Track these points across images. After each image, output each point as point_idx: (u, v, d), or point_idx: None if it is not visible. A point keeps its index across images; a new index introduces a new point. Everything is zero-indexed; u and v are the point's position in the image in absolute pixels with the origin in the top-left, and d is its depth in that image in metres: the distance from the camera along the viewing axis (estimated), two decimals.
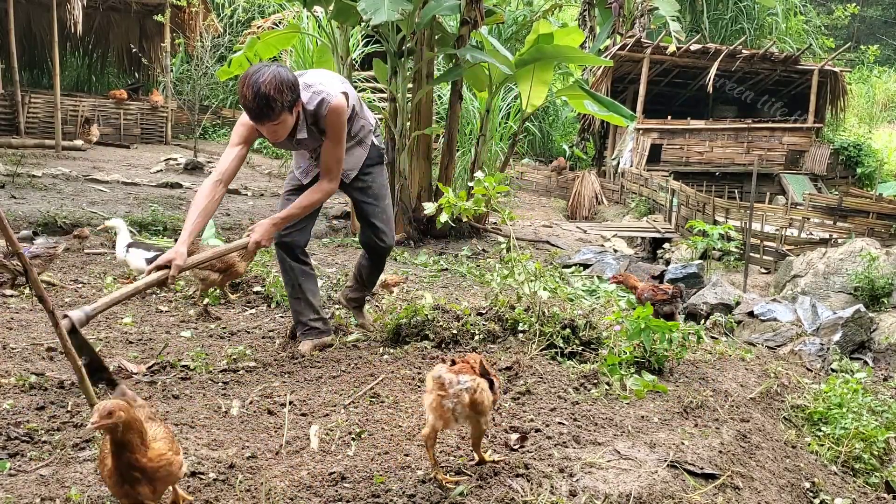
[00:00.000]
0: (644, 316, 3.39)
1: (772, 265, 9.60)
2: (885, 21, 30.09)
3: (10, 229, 2.17)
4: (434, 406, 2.17)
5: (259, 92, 2.98)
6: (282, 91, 3.02)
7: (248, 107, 3.04)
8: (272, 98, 3.00)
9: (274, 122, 3.09)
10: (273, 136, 3.22)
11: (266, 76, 3.00)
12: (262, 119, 3.08)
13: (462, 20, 8.31)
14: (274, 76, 3.01)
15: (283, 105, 3.05)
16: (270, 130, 3.16)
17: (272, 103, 3.01)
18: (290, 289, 3.68)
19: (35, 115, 12.69)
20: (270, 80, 2.99)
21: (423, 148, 8.73)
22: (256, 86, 2.98)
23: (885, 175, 16.26)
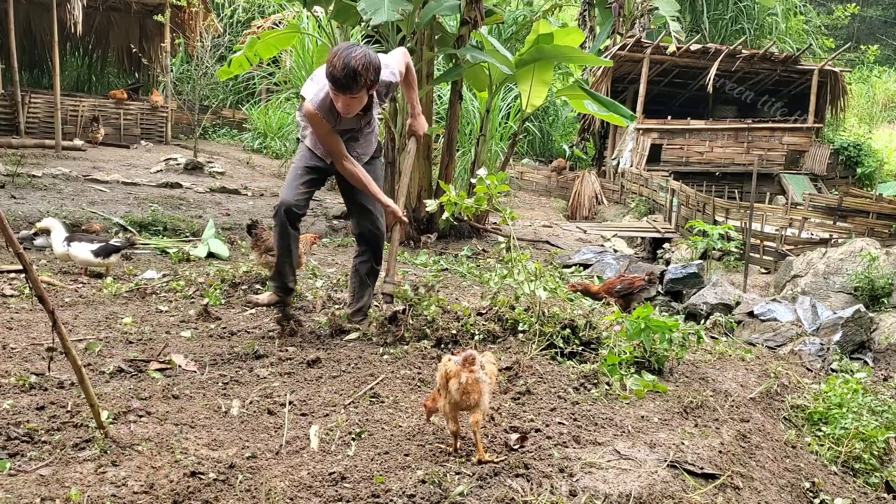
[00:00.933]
0: (644, 316, 3.39)
1: (772, 265, 9.60)
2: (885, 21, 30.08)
3: (10, 229, 2.17)
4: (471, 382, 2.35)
5: (349, 64, 3.34)
6: (368, 69, 3.39)
7: (336, 76, 3.37)
8: (359, 73, 3.36)
9: (353, 94, 3.44)
10: (347, 110, 3.55)
11: (358, 53, 3.38)
12: (344, 89, 3.41)
13: (462, 20, 8.30)
14: (364, 55, 3.38)
15: (366, 82, 3.41)
16: (346, 102, 3.50)
17: (358, 77, 3.37)
18: (283, 251, 3.92)
19: (35, 115, 12.68)
20: (361, 58, 3.36)
21: (423, 148, 8.73)
22: (348, 58, 3.34)
23: (885, 175, 16.26)
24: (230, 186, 10.26)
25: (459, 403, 2.39)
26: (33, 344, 3.55)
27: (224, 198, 9.63)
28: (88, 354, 3.45)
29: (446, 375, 2.40)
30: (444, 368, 2.42)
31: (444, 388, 2.41)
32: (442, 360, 2.46)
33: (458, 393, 2.37)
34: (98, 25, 15.92)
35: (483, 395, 2.39)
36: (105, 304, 4.59)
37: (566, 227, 12.12)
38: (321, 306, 4.56)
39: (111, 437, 2.44)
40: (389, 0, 6.95)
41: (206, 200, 9.29)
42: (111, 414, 2.66)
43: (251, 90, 16.90)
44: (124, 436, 2.49)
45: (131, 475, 2.22)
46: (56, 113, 11.43)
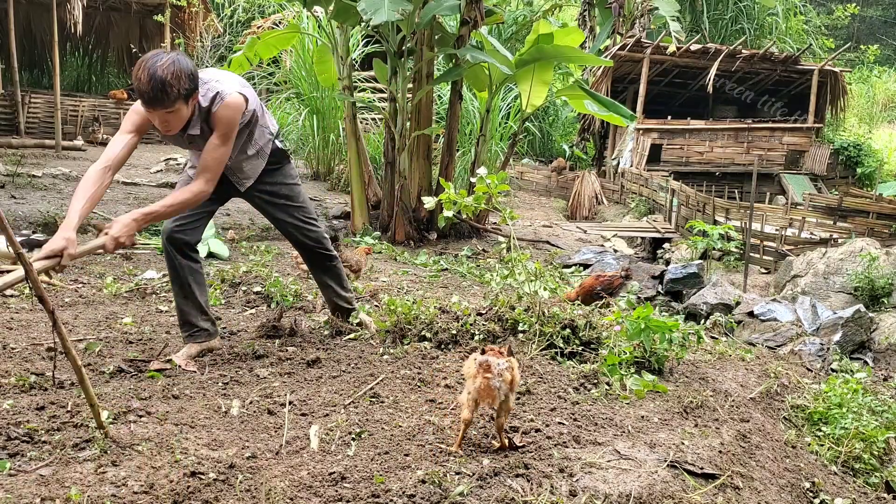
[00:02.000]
0: (644, 316, 3.39)
1: (772, 265, 9.60)
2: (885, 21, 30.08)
3: (10, 229, 2.17)
4: (482, 388, 2.44)
5: (155, 76, 2.83)
6: (179, 78, 2.88)
7: (142, 90, 2.87)
8: (168, 83, 2.85)
9: (167, 109, 2.93)
10: (164, 127, 3.04)
11: (164, 61, 2.87)
12: (155, 105, 2.91)
13: (462, 20, 8.31)
14: (173, 62, 2.88)
15: (179, 93, 2.90)
16: (162, 119, 2.99)
17: (168, 88, 2.86)
18: (178, 287, 3.45)
19: (35, 115, 12.69)
20: (168, 66, 2.86)
21: (423, 148, 8.73)
22: (153, 69, 2.84)
23: (885, 175, 16.26)
24: None
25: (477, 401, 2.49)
26: (33, 344, 3.55)
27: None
28: (88, 354, 3.45)
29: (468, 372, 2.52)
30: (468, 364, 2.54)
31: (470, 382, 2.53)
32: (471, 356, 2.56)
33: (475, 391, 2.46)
34: (98, 25, 15.93)
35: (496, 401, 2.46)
36: (105, 304, 4.59)
37: (566, 227, 12.12)
38: (321, 306, 4.57)
39: (111, 437, 2.44)
40: (389, 0, 6.95)
41: None
42: (111, 414, 2.66)
43: None
44: (124, 436, 2.49)
45: (131, 475, 2.22)
46: (56, 113, 11.43)
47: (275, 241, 7.71)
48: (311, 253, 3.76)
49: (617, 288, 4.75)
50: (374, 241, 8.03)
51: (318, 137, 12.16)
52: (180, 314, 3.53)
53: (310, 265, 3.87)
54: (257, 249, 6.94)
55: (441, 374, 3.27)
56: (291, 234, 3.67)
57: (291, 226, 3.63)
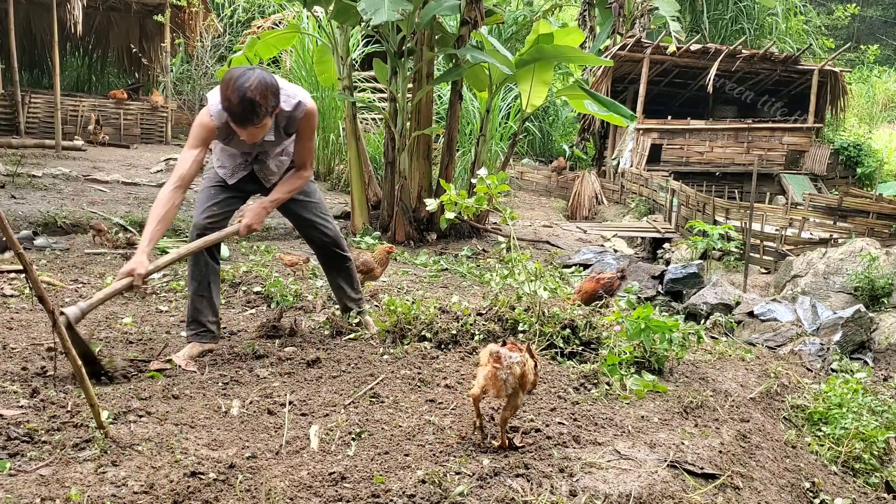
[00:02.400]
0: (644, 316, 3.39)
1: (772, 265, 9.60)
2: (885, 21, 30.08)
3: (10, 229, 2.17)
4: (489, 376, 2.44)
5: (245, 97, 2.99)
6: (266, 97, 3.05)
7: (233, 111, 3.04)
8: (258, 104, 3.02)
9: (256, 125, 3.11)
10: (251, 139, 3.22)
11: (252, 81, 3.01)
12: (245, 123, 3.08)
13: (462, 20, 8.31)
14: (260, 81, 3.02)
15: (266, 110, 3.08)
16: (250, 133, 3.17)
17: (257, 108, 3.03)
18: (197, 285, 3.55)
19: (35, 115, 12.69)
20: (256, 86, 3.01)
21: (423, 148, 8.73)
22: (242, 90, 2.99)
23: (885, 175, 16.26)
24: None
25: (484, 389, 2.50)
26: (33, 344, 3.55)
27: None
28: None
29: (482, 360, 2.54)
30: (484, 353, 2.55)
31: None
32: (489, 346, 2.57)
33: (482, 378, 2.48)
34: (98, 25, 15.93)
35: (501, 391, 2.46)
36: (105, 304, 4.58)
37: (566, 227, 12.12)
38: (321, 306, 4.57)
39: (111, 437, 2.44)
40: (389, 0, 6.95)
41: None
42: (111, 414, 2.67)
43: None
44: (124, 436, 2.49)
45: (131, 475, 2.22)
46: (56, 113, 11.43)
47: (275, 241, 7.71)
48: (327, 252, 3.84)
49: (616, 288, 4.72)
50: (374, 240, 8.03)
51: (318, 137, 12.16)
52: (192, 311, 3.57)
53: (324, 265, 3.94)
54: (257, 249, 6.94)
55: (441, 374, 3.27)
56: (309, 231, 3.78)
57: (309, 222, 3.74)
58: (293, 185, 3.55)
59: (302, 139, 3.50)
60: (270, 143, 3.44)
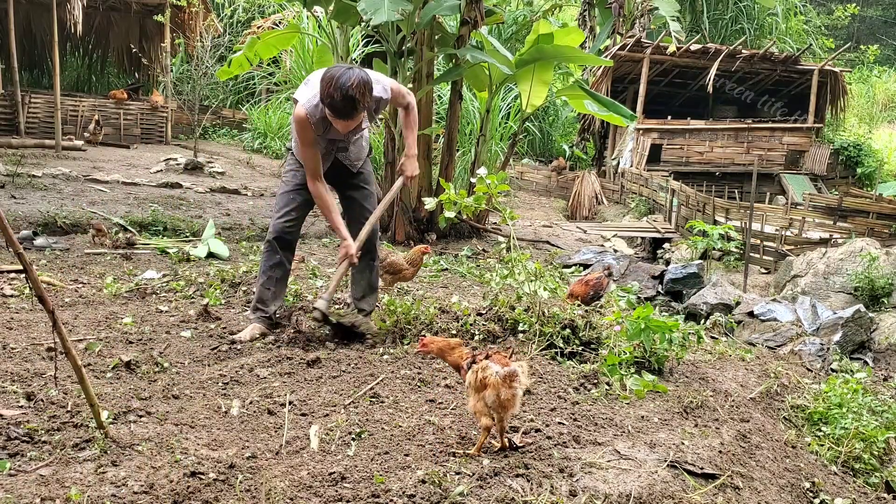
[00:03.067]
0: (644, 316, 3.39)
1: (772, 265, 9.60)
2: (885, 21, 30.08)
3: (10, 229, 2.17)
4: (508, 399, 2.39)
5: (347, 94, 3.34)
6: (364, 94, 3.41)
7: (335, 106, 3.40)
8: (358, 101, 3.39)
9: (355, 119, 3.51)
10: (346, 129, 3.60)
11: (354, 80, 3.35)
12: (345, 116, 3.45)
13: (462, 20, 8.31)
14: (360, 80, 3.38)
15: (365, 105, 3.46)
16: (345, 125, 3.55)
17: (357, 105, 3.40)
18: (266, 279, 3.92)
19: (35, 115, 12.68)
20: (357, 85, 3.36)
21: (423, 148, 8.72)
22: (344, 89, 3.33)
23: (885, 175, 16.26)
24: (230, 186, 10.27)
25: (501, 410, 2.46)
26: (33, 344, 3.55)
27: (224, 198, 9.63)
28: (88, 354, 3.44)
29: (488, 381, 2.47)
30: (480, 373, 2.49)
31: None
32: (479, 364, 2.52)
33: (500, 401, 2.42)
34: (98, 25, 15.92)
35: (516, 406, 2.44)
36: (105, 304, 4.59)
37: (566, 227, 12.13)
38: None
39: (111, 437, 2.44)
40: (389, 0, 6.95)
41: (206, 200, 9.28)
42: (111, 414, 2.66)
43: (251, 90, 16.91)
44: (124, 436, 2.49)
45: (131, 475, 2.22)
46: (56, 113, 11.42)
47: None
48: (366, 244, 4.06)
49: (605, 287, 4.69)
50: None
51: None
52: (258, 299, 3.95)
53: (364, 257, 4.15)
54: (257, 249, 6.94)
55: (441, 374, 3.27)
56: (355, 217, 4.05)
57: (359, 208, 4.06)
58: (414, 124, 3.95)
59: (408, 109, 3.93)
60: (358, 128, 3.77)
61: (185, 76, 15.31)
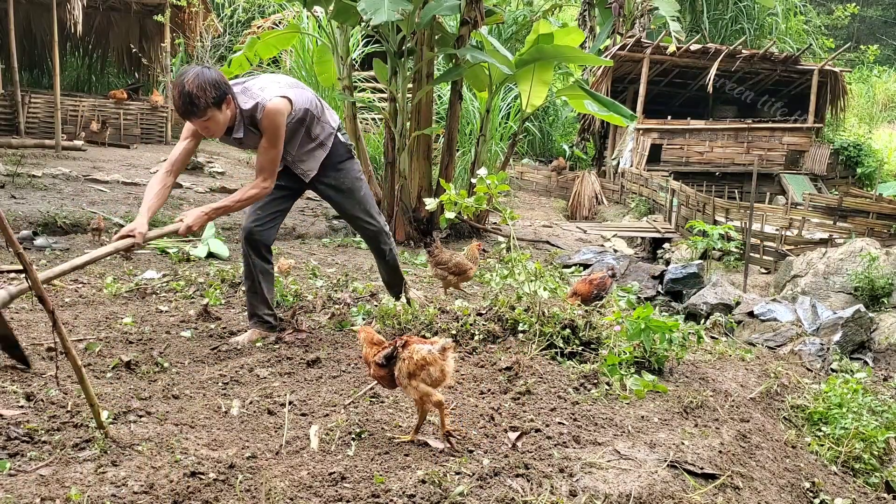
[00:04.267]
0: (644, 316, 3.39)
1: (772, 265, 9.60)
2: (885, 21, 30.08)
3: (10, 229, 2.17)
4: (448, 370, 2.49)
5: (183, 90, 3.22)
6: (204, 89, 3.23)
7: (176, 105, 3.29)
8: (195, 95, 3.22)
9: (201, 118, 3.30)
10: (206, 132, 3.43)
11: (190, 76, 3.24)
12: (188, 115, 3.31)
13: (462, 20, 8.31)
14: (196, 75, 3.24)
15: (207, 102, 3.26)
16: (202, 126, 3.37)
17: (196, 100, 3.23)
18: (249, 283, 3.88)
19: (35, 115, 12.67)
20: (193, 80, 3.23)
21: (423, 148, 8.73)
22: (181, 85, 3.23)
23: (885, 175, 16.26)
24: (230, 186, 10.26)
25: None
26: (33, 344, 3.55)
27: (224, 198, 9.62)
28: (88, 354, 3.44)
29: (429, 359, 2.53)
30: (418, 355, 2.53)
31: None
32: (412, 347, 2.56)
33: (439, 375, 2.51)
34: (98, 25, 15.92)
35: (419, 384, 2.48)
36: (105, 304, 4.59)
37: (566, 227, 12.13)
38: (321, 306, 4.56)
39: (111, 437, 2.44)
40: (389, 0, 6.95)
41: (206, 200, 9.29)
42: (111, 414, 2.66)
43: None
44: (124, 436, 2.49)
45: (131, 475, 2.22)
46: (56, 113, 11.42)
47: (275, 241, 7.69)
48: (371, 244, 4.22)
49: (608, 287, 4.71)
50: None
51: None
52: (249, 306, 3.93)
53: (373, 253, 4.33)
54: None
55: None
56: (356, 223, 4.10)
57: (353, 217, 4.06)
58: (245, 195, 3.57)
59: (263, 140, 3.51)
60: (250, 141, 3.56)
61: None
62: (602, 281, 4.59)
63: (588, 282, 4.61)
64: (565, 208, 15.21)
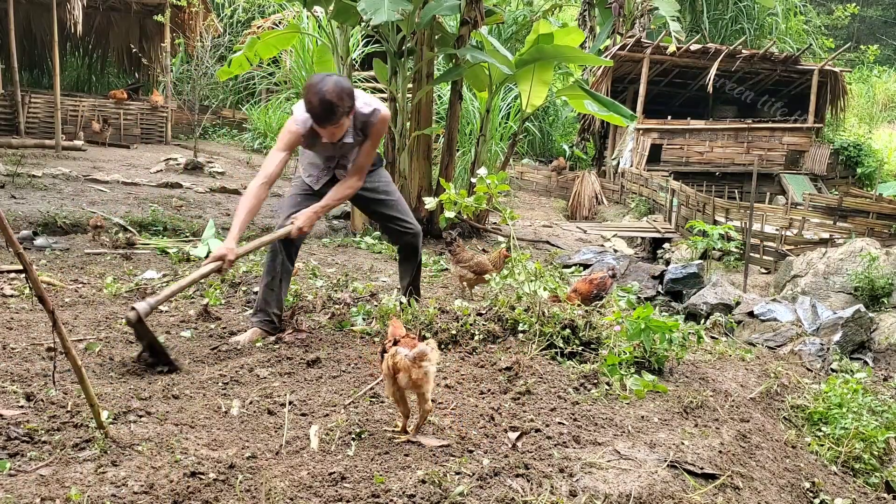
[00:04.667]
0: (644, 316, 3.39)
1: (772, 265, 9.60)
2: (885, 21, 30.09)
3: (10, 229, 2.17)
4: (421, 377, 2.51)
5: (324, 99, 3.44)
6: (342, 98, 3.49)
7: (314, 112, 3.50)
8: (335, 105, 3.46)
9: (334, 124, 3.55)
10: (331, 137, 3.66)
11: (329, 85, 3.46)
12: (324, 122, 3.53)
13: (462, 20, 8.31)
14: (336, 85, 3.47)
15: (343, 111, 3.52)
16: (330, 132, 3.61)
17: (335, 109, 3.47)
18: (269, 279, 3.94)
19: (35, 115, 12.68)
20: (333, 89, 3.45)
21: (423, 148, 8.73)
22: (321, 93, 3.44)
23: (885, 175, 16.26)
24: (230, 186, 10.27)
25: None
26: (33, 344, 3.55)
27: (224, 198, 9.63)
28: (88, 354, 3.44)
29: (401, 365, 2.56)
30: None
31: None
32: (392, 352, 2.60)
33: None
34: (98, 25, 15.93)
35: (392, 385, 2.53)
36: (105, 304, 4.59)
37: (566, 227, 12.13)
38: (321, 306, 4.56)
39: (111, 437, 2.44)
40: (389, 0, 6.95)
41: (206, 200, 9.28)
42: (111, 414, 2.66)
43: (251, 90, 16.91)
44: (124, 436, 2.49)
45: (131, 475, 2.22)
46: (56, 113, 11.42)
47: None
48: (405, 249, 4.31)
49: (609, 287, 4.72)
50: (374, 240, 8.03)
51: None
52: (261, 302, 3.95)
53: (400, 255, 4.42)
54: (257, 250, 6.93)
55: (441, 374, 3.27)
56: (388, 227, 4.23)
57: (388, 219, 4.17)
58: (342, 193, 3.89)
59: (368, 144, 3.85)
60: (349, 146, 3.82)
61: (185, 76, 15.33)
62: (602, 281, 4.60)
63: (589, 281, 4.63)
64: (565, 208, 15.21)
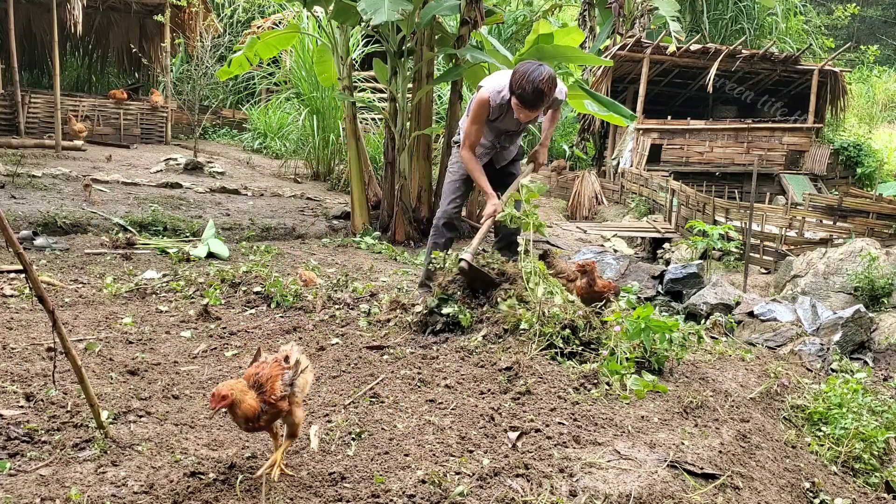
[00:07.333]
0: (644, 316, 3.39)
1: (772, 265, 9.60)
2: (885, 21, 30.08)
3: (10, 229, 2.17)
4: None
5: (538, 87, 3.90)
6: (552, 89, 3.97)
7: (526, 98, 3.95)
8: (546, 94, 3.95)
9: (539, 109, 4.06)
10: (526, 119, 4.16)
11: (545, 76, 3.91)
12: (534, 107, 4.02)
13: (462, 20, 8.31)
14: (549, 76, 3.93)
15: (549, 99, 4.03)
16: (529, 115, 4.09)
17: (545, 98, 3.97)
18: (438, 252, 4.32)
19: (35, 115, 12.68)
20: (548, 80, 3.92)
21: (423, 148, 8.73)
22: (537, 82, 3.89)
23: (885, 175, 16.25)
24: (230, 186, 10.27)
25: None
26: (33, 344, 3.55)
27: (224, 198, 9.64)
28: (88, 354, 3.45)
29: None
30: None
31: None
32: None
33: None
34: (98, 25, 15.92)
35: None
36: (105, 304, 4.59)
37: (566, 227, 12.13)
38: (321, 306, 4.57)
39: (111, 437, 2.44)
40: (389, 0, 6.95)
41: (206, 200, 9.29)
42: (111, 414, 2.66)
43: (251, 90, 16.91)
44: (124, 436, 2.49)
45: (131, 475, 2.22)
46: (56, 113, 11.42)
47: (275, 241, 7.70)
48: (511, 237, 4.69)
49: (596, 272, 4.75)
50: (373, 240, 8.03)
51: (318, 137, 12.16)
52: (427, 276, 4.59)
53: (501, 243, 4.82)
54: (257, 249, 6.94)
55: (441, 374, 3.27)
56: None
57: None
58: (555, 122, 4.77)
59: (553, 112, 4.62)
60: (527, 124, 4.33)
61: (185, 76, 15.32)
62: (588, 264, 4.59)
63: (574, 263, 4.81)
64: (565, 208, 15.20)
